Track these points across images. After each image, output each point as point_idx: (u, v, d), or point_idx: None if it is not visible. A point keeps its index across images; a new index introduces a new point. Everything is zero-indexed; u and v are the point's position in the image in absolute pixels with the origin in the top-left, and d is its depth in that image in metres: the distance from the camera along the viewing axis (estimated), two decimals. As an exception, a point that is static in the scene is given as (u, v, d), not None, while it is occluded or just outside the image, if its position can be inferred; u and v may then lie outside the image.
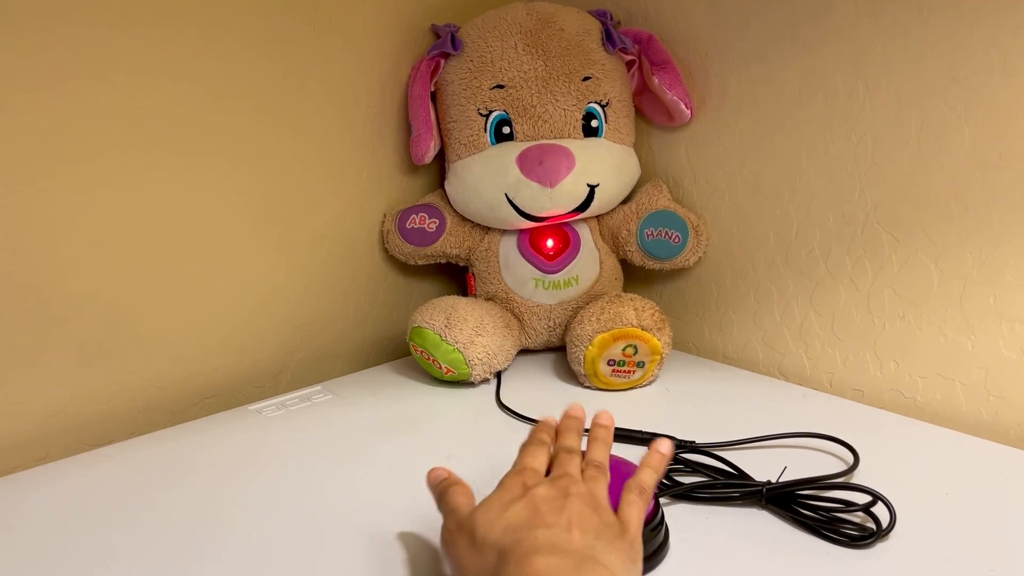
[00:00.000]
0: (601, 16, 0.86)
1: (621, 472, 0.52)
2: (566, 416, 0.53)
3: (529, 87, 0.82)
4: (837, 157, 0.75)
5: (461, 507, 0.45)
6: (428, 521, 0.55)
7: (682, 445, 0.65)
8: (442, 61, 0.86)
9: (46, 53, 0.65)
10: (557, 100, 0.82)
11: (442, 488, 0.47)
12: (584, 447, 0.51)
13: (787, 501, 0.55)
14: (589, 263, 0.88)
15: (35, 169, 0.66)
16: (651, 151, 0.92)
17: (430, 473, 0.49)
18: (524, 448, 0.49)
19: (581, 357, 0.78)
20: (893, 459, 0.63)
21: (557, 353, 0.93)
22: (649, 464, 0.48)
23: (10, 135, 0.64)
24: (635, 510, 0.45)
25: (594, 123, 0.84)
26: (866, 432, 0.67)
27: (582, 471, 0.47)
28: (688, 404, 0.76)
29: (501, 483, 0.45)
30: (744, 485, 0.57)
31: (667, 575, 0.49)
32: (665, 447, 0.50)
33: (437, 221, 0.89)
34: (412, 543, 0.53)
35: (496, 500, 0.43)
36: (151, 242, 0.74)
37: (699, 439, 0.66)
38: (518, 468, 0.46)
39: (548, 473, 0.47)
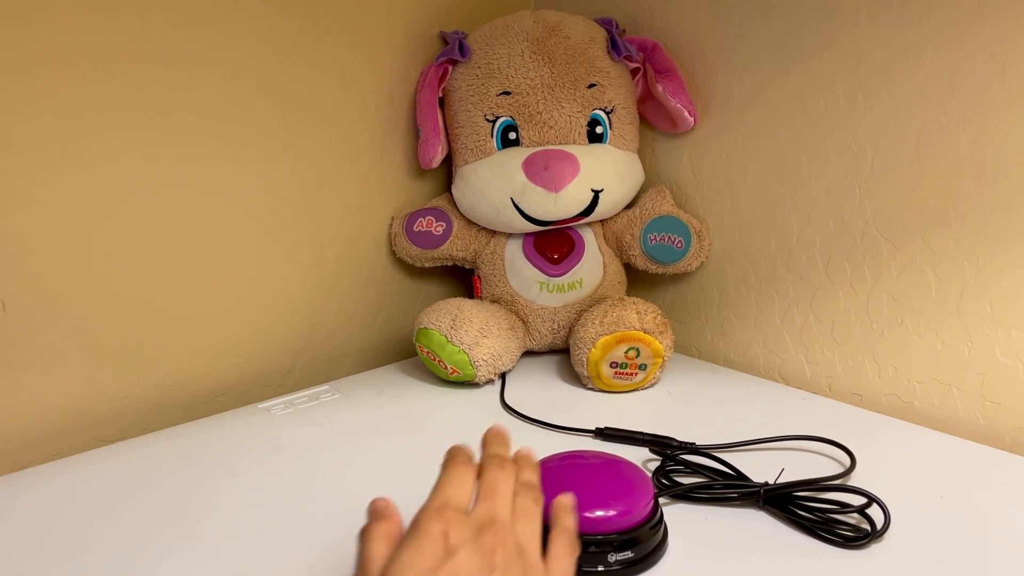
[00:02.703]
0: (607, 24, 0.88)
1: (617, 470, 0.53)
2: (489, 430, 0.47)
3: (535, 94, 0.83)
4: (837, 164, 0.76)
5: (373, 561, 0.37)
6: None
7: (682, 447, 0.66)
8: (450, 67, 0.88)
9: (64, 55, 0.66)
10: (563, 107, 0.84)
11: (366, 527, 0.40)
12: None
13: (784, 502, 0.56)
14: (593, 267, 0.89)
15: (54, 168, 0.67)
16: (655, 157, 0.94)
17: (371, 502, 0.43)
18: (446, 470, 0.42)
19: (584, 359, 0.79)
20: (890, 462, 0.64)
21: (561, 355, 0.94)
22: (563, 513, 0.44)
23: (31, 134, 0.66)
24: (566, 563, 0.41)
25: (599, 129, 0.85)
26: (864, 436, 0.69)
27: (514, 500, 0.41)
28: (689, 406, 0.77)
29: (419, 527, 0.37)
30: (742, 486, 0.58)
31: (665, 573, 0.50)
32: (568, 500, 0.44)
33: (444, 224, 0.90)
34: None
35: (409, 567, 0.35)
36: (165, 243, 0.75)
37: (699, 441, 0.67)
38: (439, 503, 0.39)
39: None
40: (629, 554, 0.49)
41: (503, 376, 0.86)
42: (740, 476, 0.60)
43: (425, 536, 0.36)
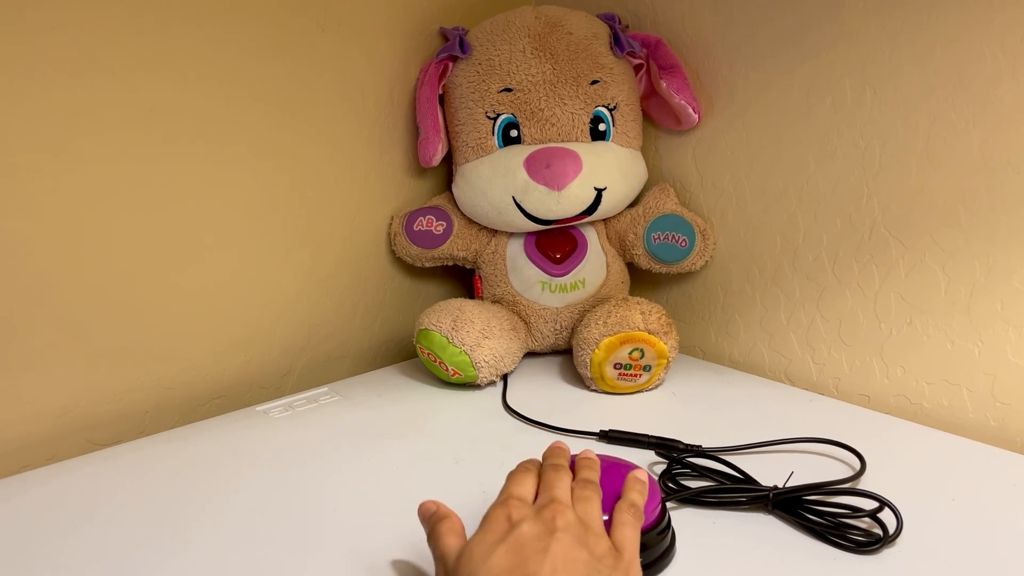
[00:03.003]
0: (609, 20, 0.87)
1: (623, 474, 0.52)
2: (551, 447, 0.52)
3: (537, 91, 0.82)
4: (845, 162, 0.75)
5: (449, 552, 0.42)
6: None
7: (688, 449, 0.65)
8: (450, 64, 0.87)
9: (60, 52, 0.65)
10: (565, 104, 0.82)
11: (431, 525, 0.45)
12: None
13: (794, 506, 0.55)
14: (596, 266, 0.88)
15: (47, 168, 0.66)
16: (658, 155, 0.92)
17: (420, 507, 0.48)
18: (511, 476, 0.47)
19: (587, 361, 0.78)
20: (899, 465, 0.63)
21: (563, 356, 0.93)
22: (634, 488, 0.48)
23: (23, 133, 0.64)
24: (629, 531, 0.43)
25: (602, 127, 0.84)
26: (872, 438, 0.67)
27: (572, 490, 0.45)
28: (694, 408, 0.76)
29: (486, 516, 0.42)
30: (750, 490, 0.57)
31: (673, 579, 0.49)
32: (642, 474, 0.49)
33: (444, 224, 0.89)
34: (417, 544, 0.53)
35: (479, 543, 0.40)
36: (161, 244, 0.74)
37: (705, 443, 0.66)
38: (503, 497, 0.44)
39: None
40: (636, 560, 0.48)
41: (505, 377, 0.85)
42: (748, 479, 0.59)
43: (492, 521, 0.42)
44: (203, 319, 0.79)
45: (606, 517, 0.45)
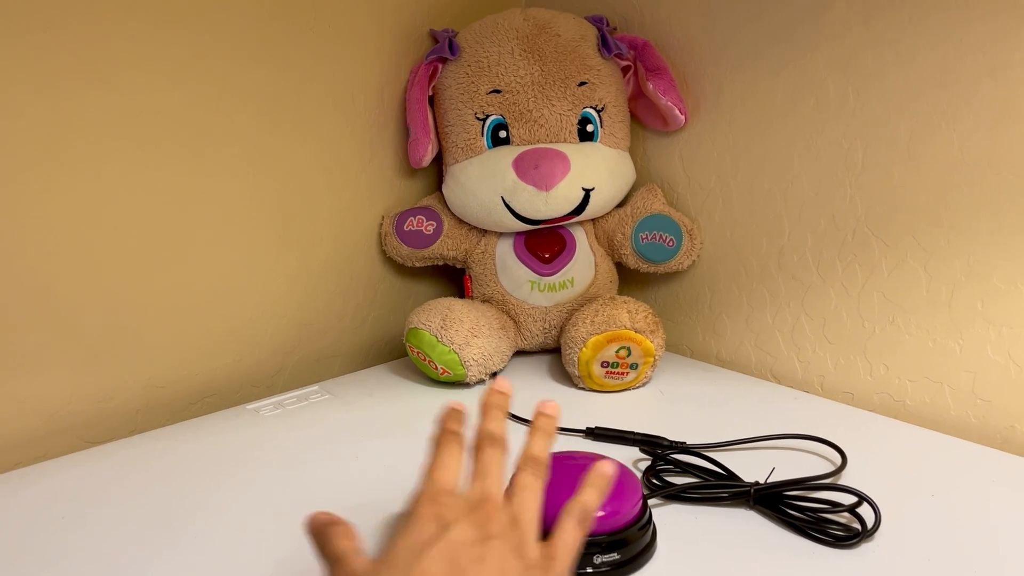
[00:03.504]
0: (597, 22, 0.87)
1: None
2: (491, 391, 0.45)
3: (526, 92, 0.83)
4: (828, 162, 0.76)
5: (349, 555, 0.37)
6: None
7: (673, 446, 0.66)
8: (440, 65, 0.87)
9: (49, 55, 0.65)
10: (553, 105, 0.83)
11: (321, 533, 0.39)
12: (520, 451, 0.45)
13: (775, 502, 0.55)
14: (584, 266, 0.89)
15: (38, 170, 0.67)
16: (646, 155, 0.93)
17: (311, 517, 0.40)
18: (435, 451, 0.42)
19: (575, 359, 0.79)
20: (881, 461, 0.64)
21: (552, 355, 0.93)
22: (595, 484, 0.43)
23: (13, 136, 0.65)
24: (569, 540, 0.39)
25: (590, 128, 0.85)
26: (855, 434, 0.68)
27: (514, 476, 0.41)
28: (680, 406, 0.77)
29: (411, 514, 0.38)
30: (732, 486, 0.58)
31: (654, 574, 0.50)
32: (610, 469, 0.44)
33: (434, 224, 0.90)
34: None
35: (405, 547, 0.35)
36: (152, 243, 0.75)
37: (691, 440, 0.67)
38: (429, 491, 0.39)
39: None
40: (615, 556, 0.49)
41: (494, 376, 0.85)
42: (731, 475, 0.60)
43: (418, 519, 0.37)
44: (194, 318, 0.79)
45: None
